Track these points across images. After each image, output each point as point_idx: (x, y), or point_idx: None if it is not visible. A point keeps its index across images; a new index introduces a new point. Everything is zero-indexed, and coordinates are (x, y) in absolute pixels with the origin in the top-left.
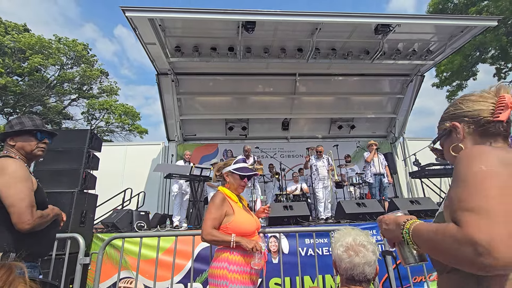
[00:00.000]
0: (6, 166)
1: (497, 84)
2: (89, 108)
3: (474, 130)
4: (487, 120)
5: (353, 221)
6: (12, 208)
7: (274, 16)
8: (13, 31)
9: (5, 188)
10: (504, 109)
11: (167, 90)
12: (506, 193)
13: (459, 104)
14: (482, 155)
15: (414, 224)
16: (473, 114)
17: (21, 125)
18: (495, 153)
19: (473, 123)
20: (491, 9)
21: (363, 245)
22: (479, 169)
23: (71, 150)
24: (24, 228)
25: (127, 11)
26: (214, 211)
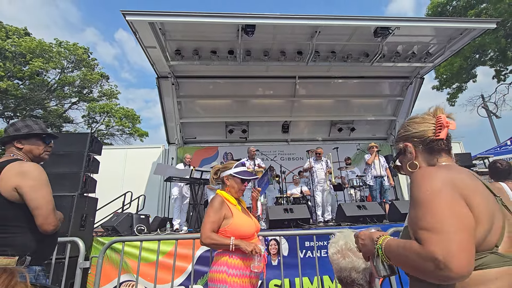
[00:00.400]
0: (30, 170)
1: (433, 106)
2: (89, 111)
3: (422, 148)
4: (431, 139)
5: (354, 223)
6: (39, 210)
7: (273, 19)
8: (14, 35)
9: (32, 191)
10: (442, 128)
11: (167, 93)
12: (452, 210)
13: (407, 126)
14: (428, 178)
15: (386, 239)
16: (420, 134)
17: (28, 128)
18: (439, 174)
19: (420, 142)
20: (489, 12)
21: (353, 250)
22: (426, 191)
23: (72, 154)
24: (49, 230)
25: (127, 15)
26: (213, 215)
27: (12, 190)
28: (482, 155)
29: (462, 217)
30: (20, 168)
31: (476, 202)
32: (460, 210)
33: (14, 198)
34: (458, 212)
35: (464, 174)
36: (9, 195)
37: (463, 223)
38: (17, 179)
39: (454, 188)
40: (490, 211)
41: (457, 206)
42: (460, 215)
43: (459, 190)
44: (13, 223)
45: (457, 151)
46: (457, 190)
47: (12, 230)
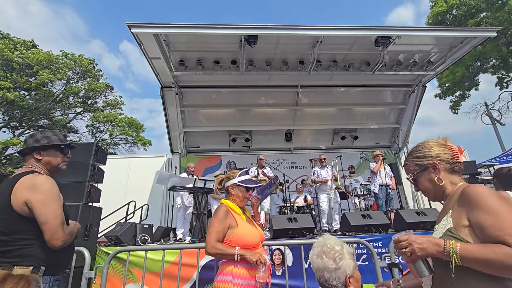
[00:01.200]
0: (41, 183)
1: (442, 137)
2: (93, 121)
3: (447, 169)
4: (453, 161)
5: (359, 233)
6: (46, 225)
7: (275, 30)
8: (21, 47)
9: (40, 205)
10: (459, 154)
11: (171, 103)
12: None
13: (430, 148)
14: (493, 193)
15: (455, 244)
16: (445, 157)
17: (47, 139)
18: (493, 191)
19: (446, 163)
20: (489, 20)
21: (326, 252)
22: (501, 204)
23: (77, 163)
24: (57, 245)
25: (133, 27)
26: (218, 224)
27: (22, 205)
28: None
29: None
30: (32, 182)
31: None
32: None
33: (25, 212)
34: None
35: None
36: (20, 209)
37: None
38: (27, 193)
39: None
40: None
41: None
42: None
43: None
44: (25, 236)
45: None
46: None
47: (25, 243)
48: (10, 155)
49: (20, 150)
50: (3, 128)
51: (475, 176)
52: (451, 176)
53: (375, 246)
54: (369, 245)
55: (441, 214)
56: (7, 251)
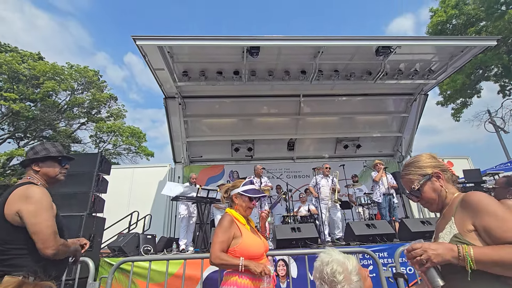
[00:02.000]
0: (32, 194)
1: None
2: (97, 131)
3: (448, 179)
4: (451, 175)
5: (363, 243)
6: (37, 235)
7: (277, 41)
8: (28, 59)
9: (31, 216)
10: (450, 167)
11: (174, 113)
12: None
13: (429, 159)
14: (491, 198)
15: (468, 248)
16: (444, 168)
17: (46, 151)
18: (490, 196)
19: (446, 173)
20: (489, 29)
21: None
22: (500, 207)
23: (81, 174)
24: (48, 253)
25: (137, 39)
26: (222, 234)
27: (14, 215)
28: (492, 171)
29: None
30: (24, 192)
31: None
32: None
33: (17, 222)
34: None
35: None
36: (12, 220)
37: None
38: (19, 203)
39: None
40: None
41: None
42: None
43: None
44: (18, 246)
45: (465, 167)
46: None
47: (18, 252)
48: (14, 166)
49: (21, 162)
50: (8, 139)
51: (480, 184)
52: (449, 186)
53: (380, 257)
54: (374, 255)
55: (442, 222)
56: (2, 260)
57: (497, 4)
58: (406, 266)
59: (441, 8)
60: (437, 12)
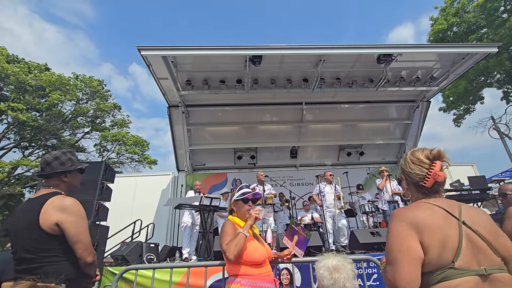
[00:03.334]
0: (70, 205)
1: (436, 149)
2: (101, 140)
3: (412, 186)
4: (419, 184)
5: (368, 251)
6: (79, 244)
7: (279, 50)
8: (35, 70)
9: (73, 226)
10: (430, 178)
11: (178, 121)
12: (401, 246)
13: (406, 163)
14: (392, 220)
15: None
16: (412, 175)
17: (71, 162)
18: (400, 214)
19: (411, 182)
20: (491, 36)
21: (342, 263)
22: (389, 231)
23: (85, 182)
24: (89, 260)
25: (142, 50)
26: (228, 236)
27: (53, 225)
28: (497, 178)
29: (406, 250)
30: (62, 203)
31: (426, 235)
32: (407, 245)
33: (55, 232)
34: (406, 246)
35: (423, 209)
36: (50, 229)
37: (406, 256)
38: (59, 214)
39: (410, 226)
40: (442, 238)
41: (406, 241)
42: (407, 248)
43: (415, 227)
44: (52, 254)
45: (470, 174)
46: (412, 227)
47: (50, 260)
48: (19, 175)
49: (48, 173)
50: (14, 148)
51: (486, 191)
52: (416, 193)
53: None
54: (379, 263)
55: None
56: (32, 268)
57: (497, 12)
58: None
59: (441, 17)
60: (437, 21)
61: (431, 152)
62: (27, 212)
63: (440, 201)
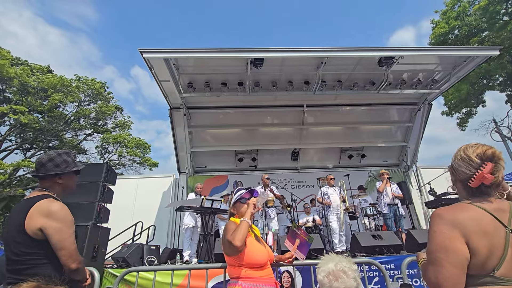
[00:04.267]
0: (56, 210)
1: (491, 151)
2: (103, 142)
3: (459, 182)
4: (465, 183)
5: (370, 254)
6: (63, 251)
7: (281, 52)
8: (37, 72)
9: (56, 233)
10: (476, 179)
11: (179, 123)
12: (447, 247)
13: (458, 158)
14: (435, 221)
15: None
16: (460, 173)
17: (66, 163)
18: (444, 216)
19: (458, 178)
20: (492, 39)
21: (344, 271)
22: (432, 231)
23: (87, 184)
24: (73, 267)
25: (144, 52)
26: (231, 231)
27: (36, 230)
28: None
29: (452, 251)
30: (48, 208)
31: (473, 238)
32: (453, 246)
33: (38, 237)
34: (452, 248)
35: (470, 213)
36: (33, 234)
37: (452, 257)
38: (43, 219)
39: (455, 228)
40: (489, 245)
41: (451, 243)
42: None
43: (460, 230)
44: (36, 257)
45: None
46: (457, 229)
47: (35, 262)
48: (20, 177)
49: (42, 175)
50: (15, 150)
51: None
52: (463, 191)
53: (387, 268)
54: (380, 266)
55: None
56: (19, 269)
57: (499, 15)
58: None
59: (442, 20)
60: (438, 24)
61: (485, 152)
62: (16, 214)
63: (486, 203)
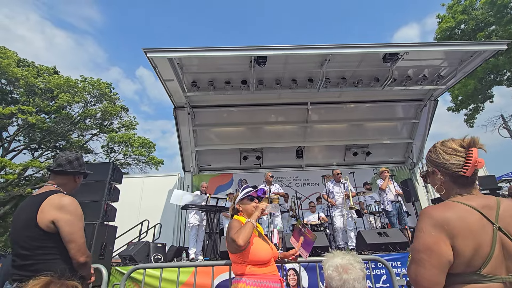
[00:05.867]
0: (68, 204)
1: (469, 137)
2: (109, 141)
3: (449, 178)
4: (457, 174)
5: (376, 251)
6: (73, 243)
7: (284, 50)
8: (44, 73)
9: (68, 225)
10: (471, 166)
11: (184, 122)
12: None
13: (439, 153)
14: (421, 219)
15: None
16: (448, 166)
17: (84, 165)
18: (431, 215)
19: (447, 173)
20: (500, 33)
21: (351, 263)
22: (417, 230)
23: (94, 183)
24: (82, 261)
25: (148, 52)
26: (236, 229)
27: (49, 223)
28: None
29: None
30: (59, 202)
31: (459, 240)
32: (438, 249)
33: (50, 230)
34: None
35: (457, 212)
36: (46, 227)
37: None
38: (55, 212)
39: (442, 230)
40: (475, 244)
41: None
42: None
43: (447, 231)
44: (47, 252)
45: (480, 173)
46: (444, 231)
47: (45, 257)
48: (29, 176)
49: (66, 171)
50: (24, 150)
51: (496, 191)
52: (452, 187)
53: (393, 266)
54: (387, 263)
55: None
56: (27, 265)
57: (506, 8)
58: None
59: (448, 14)
60: (444, 18)
61: (464, 140)
62: (26, 208)
63: (474, 199)
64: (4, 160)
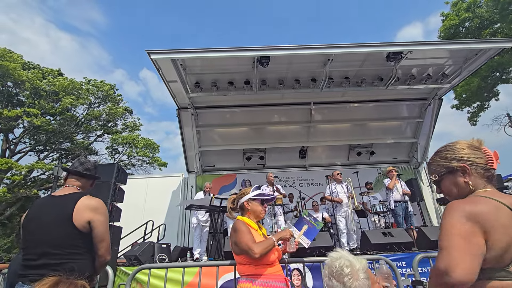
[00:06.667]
0: (99, 206)
1: (475, 139)
2: (113, 143)
3: (477, 174)
4: (485, 168)
5: (380, 251)
6: (104, 242)
7: (287, 50)
8: (49, 75)
9: (101, 225)
10: (494, 160)
11: (187, 123)
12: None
13: (461, 149)
14: (451, 212)
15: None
16: (478, 161)
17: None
18: (462, 208)
19: (476, 168)
20: (505, 31)
21: (334, 274)
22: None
23: (99, 184)
24: (109, 258)
25: (152, 53)
26: (246, 234)
27: (85, 223)
28: None
29: (475, 244)
30: (93, 204)
31: (492, 233)
32: (475, 240)
33: (85, 230)
34: (474, 241)
35: (489, 206)
36: (82, 227)
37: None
38: (91, 213)
39: (475, 222)
40: (507, 239)
41: (473, 236)
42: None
43: (481, 224)
44: (77, 251)
45: None
46: (477, 223)
47: (75, 257)
48: (35, 178)
49: (90, 175)
50: (29, 152)
51: (502, 190)
52: (479, 182)
53: (399, 266)
54: (391, 263)
55: None
56: (58, 264)
57: (511, 6)
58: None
59: (452, 12)
60: (448, 16)
61: (472, 143)
62: (57, 208)
63: (499, 195)
64: (10, 162)
